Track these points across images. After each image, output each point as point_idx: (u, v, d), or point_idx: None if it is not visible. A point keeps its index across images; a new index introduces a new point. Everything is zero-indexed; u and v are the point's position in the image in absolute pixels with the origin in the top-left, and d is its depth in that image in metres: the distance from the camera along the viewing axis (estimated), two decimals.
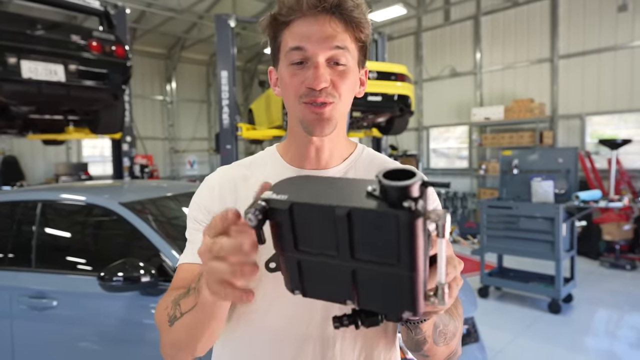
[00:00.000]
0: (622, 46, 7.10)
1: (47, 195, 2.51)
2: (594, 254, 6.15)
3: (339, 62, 0.70)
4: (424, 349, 0.69)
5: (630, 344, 3.60)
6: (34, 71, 3.47)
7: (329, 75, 0.69)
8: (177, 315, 0.65)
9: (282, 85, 0.75)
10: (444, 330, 0.69)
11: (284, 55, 0.72)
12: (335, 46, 0.68)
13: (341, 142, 0.79)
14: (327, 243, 0.41)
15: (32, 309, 2.13)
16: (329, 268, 0.42)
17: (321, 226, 0.40)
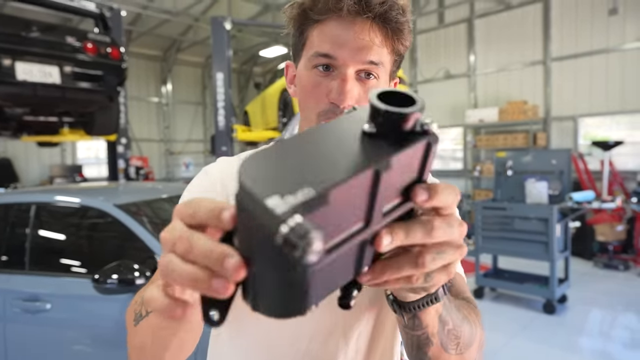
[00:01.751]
0: (613, 49, 7.18)
1: (41, 198, 2.50)
2: (587, 254, 6.19)
3: (369, 75, 0.62)
4: (429, 353, 0.53)
5: (623, 344, 3.62)
6: (28, 73, 3.46)
7: (357, 91, 0.60)
8: (143, 313, 0.53)
9: (300, 88, 0.66)
10: (455, 330, 0.54)
11: (308, 56, 0.63)
12: (370, 61, 0.60)
13: None
14: (358, 215, 0.30)
15: (25, 312, 2.11)
16: (349, 251, 0.31)
17: (355, 200, 0.29)
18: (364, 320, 0.69)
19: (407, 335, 0.54)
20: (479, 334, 0.58)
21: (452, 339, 0.54)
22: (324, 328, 0.67)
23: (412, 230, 0.34)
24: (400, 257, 0.36)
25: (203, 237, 0.30)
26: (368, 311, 0.69)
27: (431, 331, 0.51)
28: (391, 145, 0.30)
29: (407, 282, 0.36)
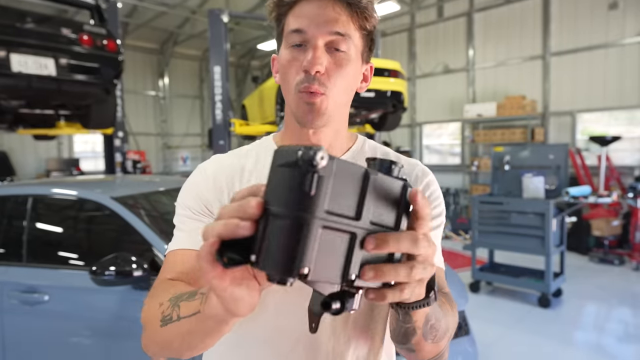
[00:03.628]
0: (612, 44, 7.17)
1: (38, 190, 2.49)
2: (583, 249, 6.23)
3: (338, 49, 0.67)
4: (412, 341, 0.63)
5: (617, 337, 3.66)
6: (23, 65, 3.43)
7: (326, 60, 0.66)
8: (174, 317, 0.58)
9: (280, 69, 0.71)
10: (435, 325, 0.63)
11: (285, 38, 0.69)
12: (336, 32, 0.65)
13: (341, 135, 0.77)
14: (350, 205, 0.39)
15: (23, 304, 2.12)
16: (342, 238, 0.39)
17: (349, 187, 0.39)
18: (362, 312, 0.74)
19: (397, 325, 0.62)
20: (452, 326, 0.69)
21: (432, 332, 0.63)
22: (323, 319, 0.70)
23: (400, 239, 0.42)
24: (397, 265, 0.43)
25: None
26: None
27: (418, 325, 0.60)
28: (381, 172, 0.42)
29: (399, 293, 0.44)
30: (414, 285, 0.45)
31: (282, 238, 0.35)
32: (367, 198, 0.40)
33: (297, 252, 0.35)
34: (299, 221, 0.35)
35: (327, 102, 0.68)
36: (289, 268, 0.35)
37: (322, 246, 0.36)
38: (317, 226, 0.36)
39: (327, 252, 0.37)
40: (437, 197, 0.78)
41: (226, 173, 0.76)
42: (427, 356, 0.67)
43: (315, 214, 0.35)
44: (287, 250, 0.35)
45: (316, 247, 0.36)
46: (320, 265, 0.36)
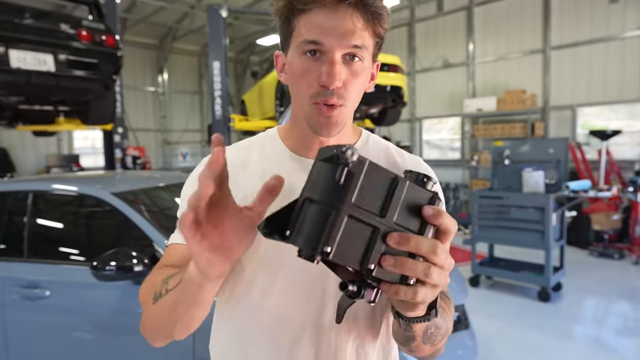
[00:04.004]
0: (613, 37, 7.14)
1: (39, 186, 2.49)
2: (583, 243, 6.24)
3: (354, 58, 0.67)
4: (412, 345, 0.68)
5: (617, 331, 3.67)
6: (22, 61, 3.43)
7: (344, 73, 0.66)
8: (163, 292, 0.66)
9: (291, 74, 0.71)
10: (435, 332, 0.68)
11: (296, 43, 0.68)
12: (354, 45, 0.65)
13: (347, 132, 0.78)
14: (376, 203, 0.45)
15: (25, 299, 2.13)
16: (365, 230, 0.45)
17: (377, 187, 0.45)
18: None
19: (398, 330, 0.67)
20: (449, 327, 0.74)
21: (431, 338, 0.69)
22: (320, 300, 0.72)
23: (421, 241, 0.47)
24: (417, 261, 0.47)
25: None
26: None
27: (418, 334, 0.65)
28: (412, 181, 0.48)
29: (412, 293, 0.48)
30: (427, 289, 0.49)
31: (312, 219, 0.42)
32: (394, 200, 0.45)
33: (323, 233, 0.42)
34: (328, 207, 0.42)
35: (344, 114, 0.69)
36: (314, 245, 0.42)
37: (345, 232, 0.43)
38: (343, 214, 0.42)
39: (350, 239, 0.43)
40: (441, 196, 0.80)
41: (230, 168, 0.76)
42: (424, 355, 0.73)
43: (343, 203, 0.42)
44: (315, 229, 0.42)
45: (340, 232, 0.42)
46: (341, 248, 0.43)
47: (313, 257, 0.42)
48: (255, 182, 0.74)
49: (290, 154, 0.77)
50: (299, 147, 0.77)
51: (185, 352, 1.84)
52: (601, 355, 3.24)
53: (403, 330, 0.64)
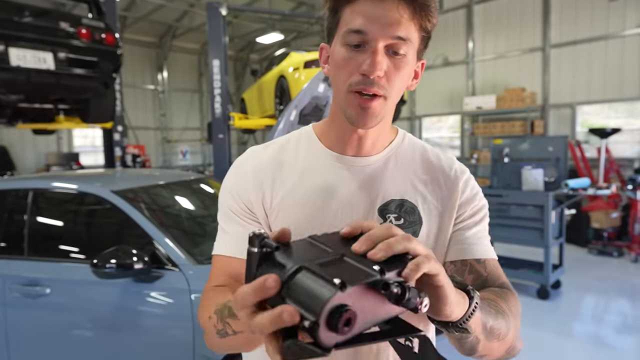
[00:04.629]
0: (613, 35, 7.14)
1: (39, 184, 2.50)
2: (582, 241, 6.25)
3: (397, 52, 0.64)
4: (479, 349, 0.62)
5: (615, 328, 3.68)
6: (22, 59, 3.43)
7: (386, 64, 0.64)
8: (229, 332, 0.62)
9: (333, 65, 0.69)
10: (495, 326, 0.62)
11: (341, 34, 0.67)
12: (398, 36, 0.63)
13: (386, 130, 0.76)
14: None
15: (25, 297, 2.13)
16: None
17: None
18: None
19: (459, 345, 0.62)
20: (514, 321, 0.67)
21: (494, 332, 0.62)
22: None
23: (375, 231, 0.46)
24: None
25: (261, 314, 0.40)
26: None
27: (478, 334, 0.59)
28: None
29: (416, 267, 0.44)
30: (423, 259, 0.44)
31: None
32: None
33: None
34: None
35: (384, 105, 0.67)
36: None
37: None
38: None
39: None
40: (477, 192, 0.78)
41: (265, 170, 0.75)
42: (498, 353, 0.66)
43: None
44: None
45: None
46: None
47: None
48: (293, 183, 0.73)
49: (327, 151, 0.75)
50: (336, 143, 0.75)
51: (186, 350, 1.85)
52: (600, 353, 3.25)
53: (461, 340, 0.59)
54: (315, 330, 0.35)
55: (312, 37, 12.18)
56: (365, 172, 0.73)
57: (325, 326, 0.35)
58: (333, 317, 0.35)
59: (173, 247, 1.99)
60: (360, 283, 0.38)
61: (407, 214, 0.72)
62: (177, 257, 1.97)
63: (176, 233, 2.17)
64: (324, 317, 0.35)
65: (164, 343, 1.93)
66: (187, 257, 1.97)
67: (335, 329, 0.35)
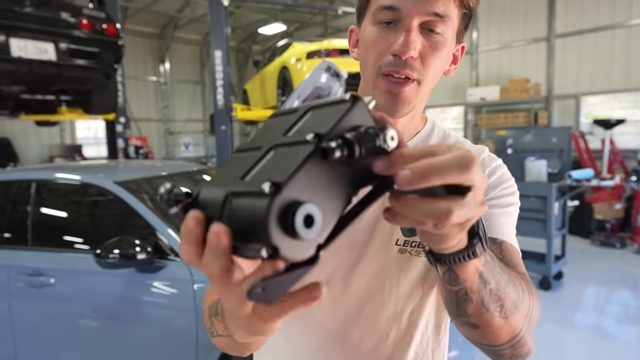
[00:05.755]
0: (619, 25, 7.05)
1: (42, 175, 2.51)
2: (585, 232, 6.24)
3: (434, 30, 0.58)
4: (469, 310, 0.51)
5: (617, 319, 3.69)
6: (23, 50, 3.42)
7: (420, 43, 0.58)
8: (215, 333, 0.58)
9: (362, 46, 0.63)
10: (498, 292, 0.49)
11: (371, 11, 0.61)
12: (434, 13, 0.57)
13: (416, 117, 0.71)
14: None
15: (30, 287, 2.15)
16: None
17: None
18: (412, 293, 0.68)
19: (445, 291, 0.51)
20: (527, 302, 0.55)
21: (495, 300, 0.50)
22: (370, 290, 0.67)
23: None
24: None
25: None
26: (418, 285, 0.68)
27: (469, 287, 0.48)
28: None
29: (419, 221, 0.33)
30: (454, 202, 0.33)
31: None
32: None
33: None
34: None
35: (417, 90, 0.61)
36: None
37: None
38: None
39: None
40: (506, 180, 0.70)
41: None
42: (498, 336, 0.53)
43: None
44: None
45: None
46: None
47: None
48: None
49: None
50: None
51: (188, 340, 1.86)
52: (602, 343, 3.26)
53: (448, 284, 0.48)
54: (277, 253, 0.27)
55: (314, 28, 12.09)
56: None
57: (285, 243, 0.27)
58: (287, 227, 0.27)
59: (176, 238, 2.00)
60: (294, 170, 0.28)
61: None
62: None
63: (179, 223, 2.18)
64: (275, 236, 0.27)
65: (167, 333, 1.95)
66: None
67: (299, 236, 0.27)
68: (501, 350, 0.56)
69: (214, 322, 0.56)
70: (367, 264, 0.67)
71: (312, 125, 0.32)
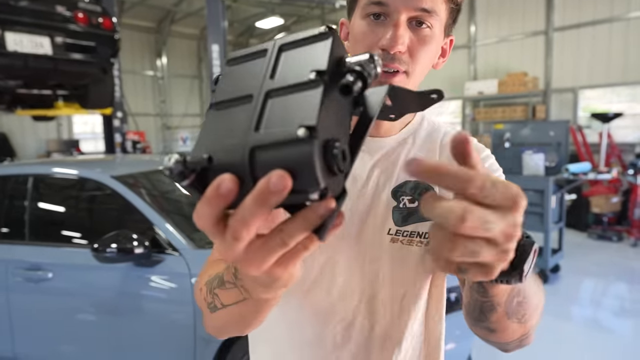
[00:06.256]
0: (617, 18, 7.04)
1: (39, 170, 2.50)
2: (582, 226, 6.27)
3: (422, 24, 0.60)
4: (491, 318, 0.51)
5: (613, 312, 3.72)
6: (19, 44, 3.40)
7: (408, 38, 0.60)
8: (218, 305, 0.57)
9: (352, 39, 0.65)
10: (524, 303, 0.50)
11: (361, 5, 0.63)
12: (422, 8, 0.59)
13: None
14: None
15: (28, 281, 2.15)
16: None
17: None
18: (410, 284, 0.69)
19: (471, 297, 0.50)
20: (542, 300, 0.56)
21: (520, 310, 0.51)
22: (367, 287, 0.68)
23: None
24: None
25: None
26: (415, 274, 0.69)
27: (497, 301, 0.48)
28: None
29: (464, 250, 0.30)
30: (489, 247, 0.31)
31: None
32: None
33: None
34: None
35: (406, 82, 0.62)
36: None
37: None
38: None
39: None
40: (497, 169, 0.72)
41: None
42: (510, 337, 0.56)
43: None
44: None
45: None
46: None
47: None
48: None
49: None
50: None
51: (187, 333, 1.87)
52: (598, 336, 3.29)
53: (477, 294, 0.47)
54: (327, 193, 0.28)
55: (312, 22, 12.03)
56: (380, 153, 0.72)
57: (330, 181, 0.28)
58: (330, 166, 0.28)
59: (173, 232, 2.00)
60: (318, 110, 0.28)
61: (422, 195, 0.68)
62: (177, 241, 1.98)
63: (176, 218, 2.18)
64: (324, 177, 0.27)
65: (165, 327, 1.95)
66: (187, 242, 1.98)
67: (341, 171, 0.29)
68: (509, 345, 0.58)
69: (218, 294, 0.55)
70: (360, 254, 0.68)
71: (300, 64, 0.32)
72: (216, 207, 0.28)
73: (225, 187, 0.28)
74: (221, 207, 0.29)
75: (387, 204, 0.68)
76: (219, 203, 0.28)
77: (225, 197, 0.28)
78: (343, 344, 0.69)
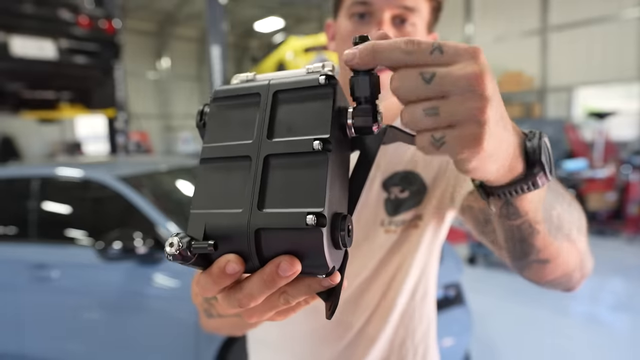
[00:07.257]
0: (613, 16, 7.07)
1: (45, 171, 2.55)
2: None
3: (405, 22, 0.62)
4: (536, 244, 0.44)
5: (610, 307, 3.76)
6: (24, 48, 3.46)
7: (392, 35, 0.57)
8: (214, 314, 0.58)
9: (338, 39, 0.66)
10: (563, 215, 0.46)
11: (346, 5, 0.64)
12: (404, 6, 0.60)
13: (395, 104, 0.67)
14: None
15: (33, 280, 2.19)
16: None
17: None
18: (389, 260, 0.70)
19: (504, 228, 0.44)
20: (584, 217, 0.51)
21: (563, 224, 0.46)
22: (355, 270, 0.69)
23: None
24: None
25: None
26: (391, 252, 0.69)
27: (533, 218, 0.41)
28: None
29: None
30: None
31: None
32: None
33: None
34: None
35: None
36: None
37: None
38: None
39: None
40: None
41: None
42: (567, 263, 0.49)
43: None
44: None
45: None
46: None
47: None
48: None
49: None
50: None
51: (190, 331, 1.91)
52: (595, 330, 3.33)
53: (507, 218, 0.41)
54: (333, 271, 0.29)
55: (311, 23, 12.07)
56: None
57: (336, 258, 0.28)
58: (336, 245, 0.28)
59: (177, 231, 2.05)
60: (325, 190, 0.27)
61: (411, 184, 0.68)
62: None
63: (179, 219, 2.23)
64: (330, 259, 0.27)
65: (168, 324, 1.99)
66: None
67: (346, 246, 0.29)
68: (572, 277, 0.54)
69: (214, 305, 0.56)
70: (354, 248, 0.68)
71: (297, 120, 0.30)
72: (221, 285, 0.29)
73: (231, 269, 0.28)
74: (226, 284, 0.29)
75: (378, 197, 0.68)
76: (225, 281, 0.29)
77: (232, 276, 0.28)
78: (335, 338, 0.70)
